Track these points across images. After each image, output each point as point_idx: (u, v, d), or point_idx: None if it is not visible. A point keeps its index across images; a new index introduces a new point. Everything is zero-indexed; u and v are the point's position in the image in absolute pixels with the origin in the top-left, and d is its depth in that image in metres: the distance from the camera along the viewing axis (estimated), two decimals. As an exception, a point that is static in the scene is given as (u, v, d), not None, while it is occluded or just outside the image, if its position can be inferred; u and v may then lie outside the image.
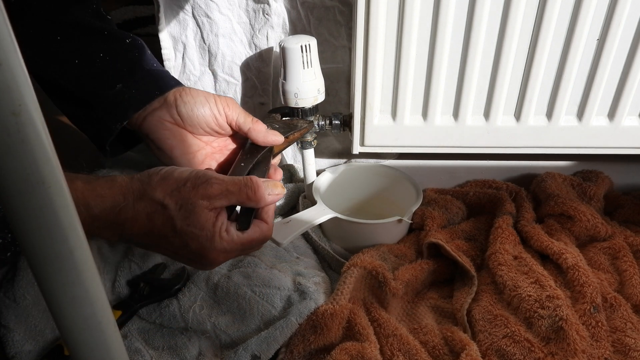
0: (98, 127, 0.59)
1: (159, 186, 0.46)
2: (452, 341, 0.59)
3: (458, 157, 0.84)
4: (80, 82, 0.58)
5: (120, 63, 0.59)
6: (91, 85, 0.58)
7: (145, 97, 0.57)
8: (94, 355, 0.26)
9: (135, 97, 0.57)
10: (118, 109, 0.57)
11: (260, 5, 0.71)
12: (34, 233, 0.22)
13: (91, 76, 0.58)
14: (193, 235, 0.46)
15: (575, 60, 0.64)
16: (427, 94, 0.68)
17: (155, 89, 0.58)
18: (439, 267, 0.70)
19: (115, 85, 0.57)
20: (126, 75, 0.58)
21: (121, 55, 0.59)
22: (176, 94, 0.58)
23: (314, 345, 0.56)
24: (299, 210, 0.76)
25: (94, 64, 0.58)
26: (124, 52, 0.59)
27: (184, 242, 0.46)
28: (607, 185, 0.82)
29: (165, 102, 0.57)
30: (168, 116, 0.57)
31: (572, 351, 0.56)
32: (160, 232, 0.46)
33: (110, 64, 0.58)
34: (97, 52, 0.58)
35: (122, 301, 0.61)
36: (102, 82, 0.58)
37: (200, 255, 0.47)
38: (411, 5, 0.61)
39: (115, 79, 0.58)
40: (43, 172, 0.21)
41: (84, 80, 0.58)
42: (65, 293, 0.24)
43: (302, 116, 0.70)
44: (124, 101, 0.57)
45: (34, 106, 0.20)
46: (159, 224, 0.45)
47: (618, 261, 0.70)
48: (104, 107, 0.57)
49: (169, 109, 0.57)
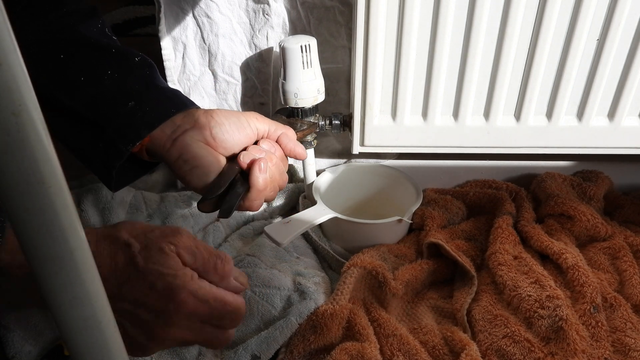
0: (107, 151, 0.53)
1: (124, 228, 0.42)
2: (452, 341, 0.59)
3: (458, 157, 0.84)
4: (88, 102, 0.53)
5: (131, 81, 0.55)
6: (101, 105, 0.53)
7: (160, 115, 0.53)
8: (94, 355, 0.26)
9: (150, 115, 0.52)
10: (130, 128, 0.52)
11: (260, 5, 0.71)
12: (34, 233, 0.22)
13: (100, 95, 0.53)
14: (158, 274, 0.40)
15: (575, 60, 0.64)
16: (427, 94, 0.68)
17: (171, 107, 0.53)
18: (439, 267, 0.70)
19: (127, 103, 0.52)
20: (138, 93, 0.54)
21: (131, 73, 0.55)
22: (207, 114, 0.54)
23: (314, 345, 0.56)
24: (299, 210, 0.76)
25: (103, 82, 0.54)
26: (134, 69, 0.56)
27: (149, 283, 0.40)
28: (607, 185, 0.82)
29: (196, 124, 0.53)
30: (201, 137, 0.53)
31: (572, 351, 0.56)
32: (122, 273, 0.40)
33: (120, 81, 0.54)
34: (106, 70, 0.54)
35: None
36: (113, 100, 0.53)
37: (167, 298, 0.40)
38: (411, 5, 0.61)
39: (126, 96, 0.53)
40: (43, 172, 0.21)
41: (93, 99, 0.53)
42: (65, 293, 0.24)
43: (302, 116, 0.70)
44: (136, 120, 0.52)
45: (34, 106, 0.20)
46: (121, 263, 0.40)
47: (618, 261, 0.70)
48: (115, 127, 0.52)
49: (202, 130, 0.53)
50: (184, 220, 0.72)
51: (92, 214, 0.69)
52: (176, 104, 0.54)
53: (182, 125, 0.53)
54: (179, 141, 0.52)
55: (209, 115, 0.54)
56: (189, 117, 0.54)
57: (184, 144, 0.52)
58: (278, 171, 0.56)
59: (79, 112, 0.54)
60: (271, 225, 0.65)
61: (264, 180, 0.53)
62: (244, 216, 0.78)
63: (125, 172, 0.57)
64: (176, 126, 0.53)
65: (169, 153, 0.53)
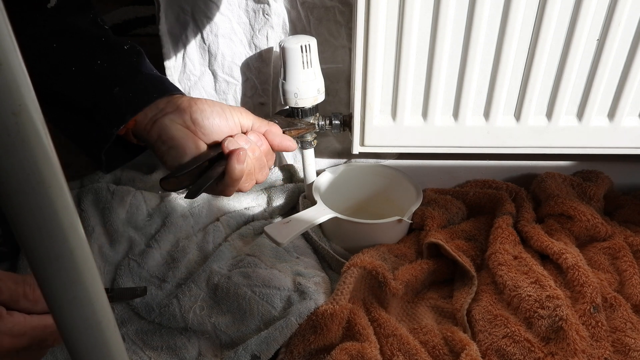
0: (95, 134, 0.57)
1: None
2: (452, 341, 0.59)
3: (458, 157, 0.84)
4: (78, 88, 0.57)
5: (118, 68, 0.58)
6: (89, 91, 0.57)
7: (142, 100, 0.56)
8: (94, 355, 0.26)
9: (133, 100, 0.56)
10: (116, 113, 0.55)
11: (260, 5, 0.71)
12: (34, 233, 0.22)
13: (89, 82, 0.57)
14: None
15: (575, 60, 0.64)
16: (427, 94, 0.68)
17: (153, 92, 0.57)
18: (439, 267, 0.70)
19: (113, 90, 0.56)
20: (124, 79, 0.57)
21: (119, 61, 0.58)
22: (191, 102, 0.56)
23: (314, 345, 0.56)
24: (299, 210, 0.76)
25: (92, 70, 0.57)
26: (121, 58, 0.59)
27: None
28: (607, 185, 0.82)
29: (178, 108, 0.56)
30: (180, 120, 0.55)
31: (572, 351, 0.56)
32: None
33: (108, 69, 0.57)
34: (95, 59, 0.57)
35: None
36: (100, 87, 0.57)
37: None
38: (411, 5, 0.61)
39: (113, 83, 0.57)
40: (43, 172, 0.21)
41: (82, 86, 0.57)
42: (65, 293, 0.24)
43: (302, 116, 0.70)
44: (121, 105, 0.56)
45: (34, 106, 0.20)
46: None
47: (618, 261, 0.70)
48: (102, 112, 0.56)
49: (182, 114, 0.55)
50: (184, 220, 0.73)
51: (92, 214, 0.70)
52: (160, 89, 0.57)
53: (164, 109, 0.56)
54: (159, 123, 0.55)
55: (193, 102, 0.57)
56: (172, 102, 0.56)
57: (163, 125, 0.55)
58: (259, 164, 0.58)
59: (71, 98, 0.57)
60: (271, 225, 0.65)
61: (240, 170, 0.54)
62: (244, 216, 0.78)
63: (115, 156, 0.60)
64: (158, 109, 0.56)
65: (149, 134, 0.56)
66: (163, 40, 0.73)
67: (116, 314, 0.62)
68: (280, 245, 0.63)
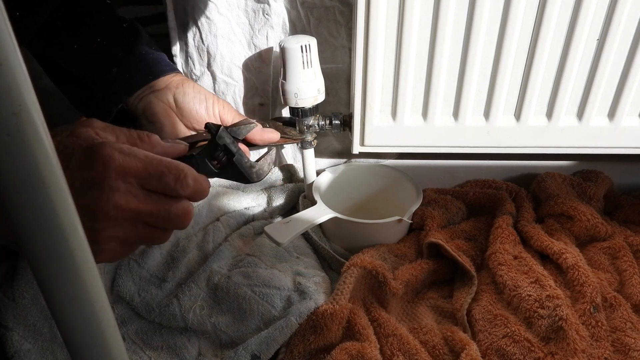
0: (97, 109, 0.62)
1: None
2: (452, 341, 0.59)
3: (458, 157, 0.84)
4: (80, 66, 0.61)
5: (116, 48, 0.61)
6: (90, 70, 0.61)
7: (138, 82, 0.60)
8: (94, 355, 0.26)
9: (129, 81, 0.61)
10: (114, 92, 0.61)
11: (260, 5, 0.71)
12: (34, 233, 0.22)
13: (89, 61, 0.61)
14: (76, 146, 0.36)
15: (575, 60, 0.64)
16: (427, 94, 0.68)
17: (148, 74, 0.61)
18: (439, 267, 0.70)
19: (111, 70, 0.60)
20: (121, 60, 0.61)
21: (117, 40, 0.62)
22: (180, 82, 0.61)
23: (314, 345, 0.56)
24: (299, 210, 0.76)
25: (91, 49, 0.61)
26: (120, 37, 0.62)
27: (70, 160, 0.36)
28: (607, 185, 0.82)
29: (166, 87, 0.60)
30: (164, 98, 0.60)
31: (572, 351, 0.56)
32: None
33: (106, 48, 0.61)
34: (95, 37, 0.61)
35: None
36: (100, 66, 0.61)
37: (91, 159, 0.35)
38: (411, 5, 0.61)
39: (111, 63, 0.61)
40: (43, 172, 0.21)
41: (83, 65, 0.61)
42: (65, 293, 0.24)
43: (302, 116, 0.70)
44: (118, 86, 0.60)
45: (34, 106, 0.20)
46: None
47: (618, 261, 0.70)
48: (102, 90, 0.61)
49: (167, 93, 0.60)
50: (184, 220, 0.72)
51: (92, 213, 0.69)
52: (154, 71, 0.62)
53: (153, 86, 0.61)
54: (145, 99, 0.61)
55: (181, 83, 0.61)
56: (163, 80, 0.61)
57: (148, 101, 0.60)
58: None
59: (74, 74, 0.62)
60: (271, 225, 0.65)
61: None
62: (244, 216, 0.78)
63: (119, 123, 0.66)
64: (148, 86, 0.61)
65: (136, 109, 0.61)
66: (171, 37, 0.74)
67: (116, 314, 0.62)
68: (280, 245, 0.63)
